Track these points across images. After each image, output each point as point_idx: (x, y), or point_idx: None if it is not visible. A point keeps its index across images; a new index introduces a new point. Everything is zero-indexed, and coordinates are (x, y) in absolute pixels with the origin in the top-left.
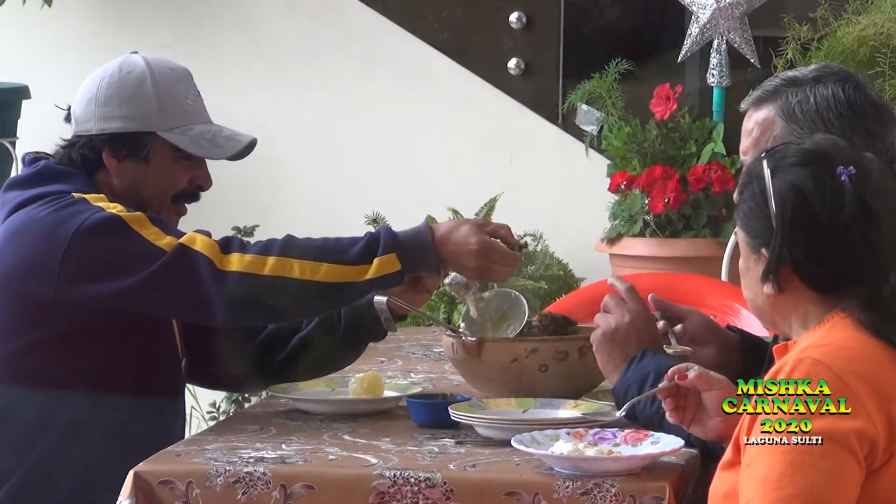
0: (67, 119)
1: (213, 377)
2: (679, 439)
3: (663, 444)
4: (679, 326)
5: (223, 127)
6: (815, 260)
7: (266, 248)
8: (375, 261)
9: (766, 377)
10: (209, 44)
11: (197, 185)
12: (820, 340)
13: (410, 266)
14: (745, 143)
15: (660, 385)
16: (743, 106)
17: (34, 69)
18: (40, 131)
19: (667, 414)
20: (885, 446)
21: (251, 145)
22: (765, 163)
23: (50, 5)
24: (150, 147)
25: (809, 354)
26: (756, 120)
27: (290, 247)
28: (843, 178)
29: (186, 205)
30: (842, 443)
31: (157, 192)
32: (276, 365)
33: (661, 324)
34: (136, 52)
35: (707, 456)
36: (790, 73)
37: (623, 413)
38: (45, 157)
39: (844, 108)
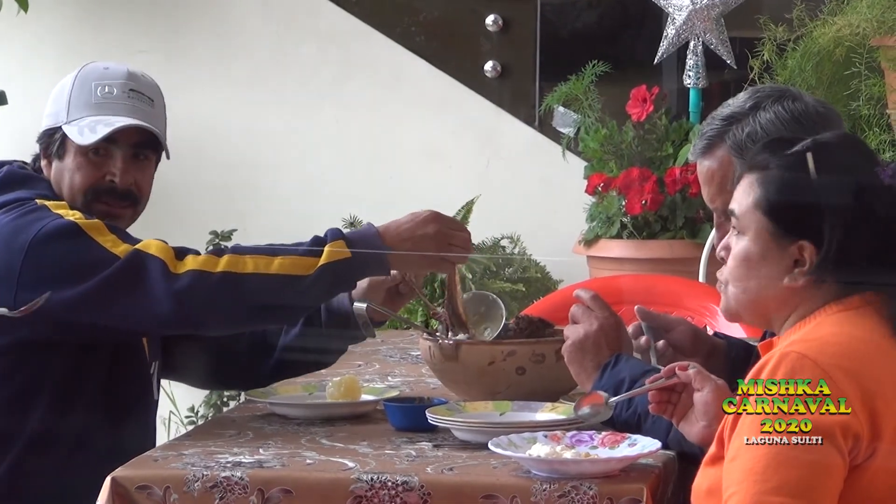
0: None
1: (192, 378)
2: (656, 441)
3: (640, 447)
4: (661, 343)
5: (121, 118)
6: (862, 257)
7: (219, 251)
8: (326, 248)
9: (751, 373)
10: (186, 50)
11: (109, 180)
12: (806, 335)
13: (360, 257)
14: (709, 191)
15: (657, 381)
16: (691, 157)
17: (10, 75)
18: (17, 137)
19: (650, 405)
20: (869, 442)
21: (131, 131)
22: (809, 156)
23: (26, 11)
24: (58, 142)
25: (794, 349)
26: (712, 167)
27: (242, 248)
28: (884, 177)
29: (123, 208)
30: (826, 436)
31: (70, 189)
32: (266, 370)
33: (643, 339)
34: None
35: (685, 458)
36: (726, 112)
37: (615, 401)
38: (8, 163)
39: (792, 124)
